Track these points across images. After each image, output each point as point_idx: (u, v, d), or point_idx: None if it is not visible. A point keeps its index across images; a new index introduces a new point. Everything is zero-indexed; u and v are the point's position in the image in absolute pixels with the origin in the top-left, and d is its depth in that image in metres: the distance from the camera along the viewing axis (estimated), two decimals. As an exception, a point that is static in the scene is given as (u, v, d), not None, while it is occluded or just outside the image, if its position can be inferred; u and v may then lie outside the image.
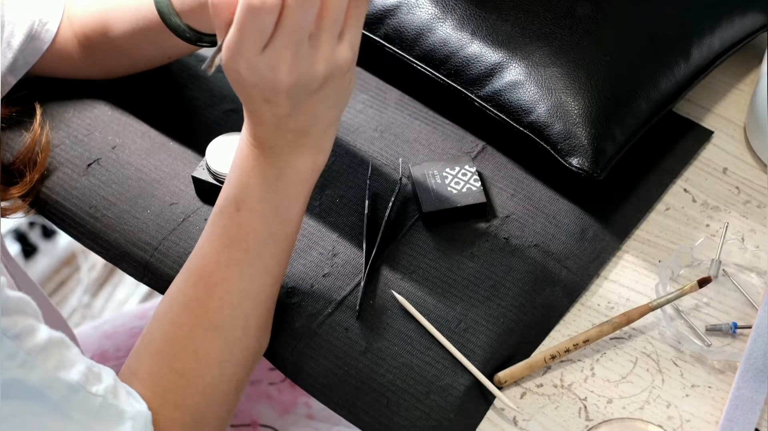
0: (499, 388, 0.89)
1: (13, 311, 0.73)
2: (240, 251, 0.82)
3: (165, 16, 0.91)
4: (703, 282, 0.89)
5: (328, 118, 0.80)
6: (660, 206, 0.99)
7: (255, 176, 0.81)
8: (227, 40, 0.74)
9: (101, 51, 1.00)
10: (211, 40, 0.93)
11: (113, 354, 1.21)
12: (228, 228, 0.82)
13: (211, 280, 0.83)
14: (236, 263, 0.83)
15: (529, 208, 0.97)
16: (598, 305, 0.93)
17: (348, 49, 0.76)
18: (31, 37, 1.00)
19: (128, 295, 1.97)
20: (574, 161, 0.95)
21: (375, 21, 1.03)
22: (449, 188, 0.97)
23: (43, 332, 0.75)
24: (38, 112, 1.01)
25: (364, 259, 0.93)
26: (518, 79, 0.97)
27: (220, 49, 0.75)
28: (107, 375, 0.80)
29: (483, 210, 0.96)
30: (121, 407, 0.79)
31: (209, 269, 0.83)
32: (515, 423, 0.87)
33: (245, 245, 0.82)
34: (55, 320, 0.93)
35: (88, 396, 0.77)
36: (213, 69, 0.75)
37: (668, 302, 0.90)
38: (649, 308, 0.90)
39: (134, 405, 0.80)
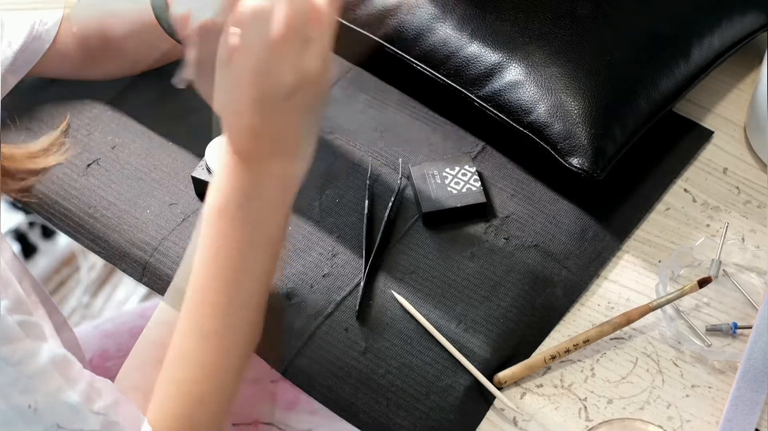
0: (499, 389, 0.88)
1: (15, 338, 0.73)
2: (225, 260, 0.82)
3: (161, 19, 0.91)
4: (703, 282, 0.89)
5: (303, 126, 0.80)
6: (660, 206, 0.99)
7: (233, 184, 0.81)
8: (187, 59, 0.74)
9: (100, 52, 1.00)
10: None
11: (114, 354, 1.21)
12: (211, 236, 0.82)
13: (199, 288, 0.83)
14: (222, 272, 0.82)
15: (529, 208, 0.97)
16: (598, 305, 0.93)
17: (316, 58, 0.75)
18: (33, 37, 1.00)
19: (128, 295, 1.97)
20: (574, 161, 0.95)
21: (375, 21, 1.03)
22: (449, 188, 0.96)
23: (45, 353, 0.75)
24: (65, 121, 1.02)
25: (363, 259, 0.93)
26: (518, 79, 0.97)
27: None
28: (108, 389, 0.80)
29: (483, 210, 0.96)
30: (122, 424, 0.79)
31: (196, 278, 0.83)
32: (515, 423, 0.87)
33: (228, 254, 0.82)
34: (57, 321, 0.93)
35: (90, 416, 0.77)
36: (184, 83, 0.75)
37: (668, 302, 0.90)
38: (649, 309, 0.90)
39: (135, 422, 0.80)
